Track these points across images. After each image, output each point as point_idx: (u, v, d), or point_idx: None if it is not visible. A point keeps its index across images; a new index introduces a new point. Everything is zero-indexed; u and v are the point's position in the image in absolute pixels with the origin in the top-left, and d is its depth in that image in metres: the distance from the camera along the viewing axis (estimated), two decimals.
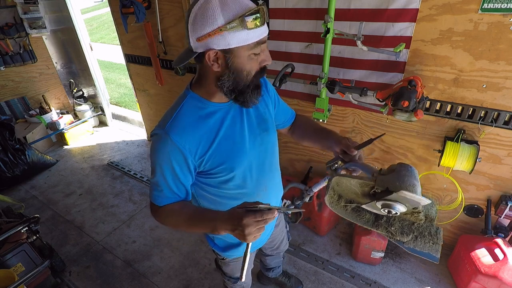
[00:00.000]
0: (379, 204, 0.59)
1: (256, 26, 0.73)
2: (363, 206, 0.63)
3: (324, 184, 0.96)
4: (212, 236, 1.17)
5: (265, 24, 0.76)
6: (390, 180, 0.57)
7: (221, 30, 0.71)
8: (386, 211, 0.59)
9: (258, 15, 0.73)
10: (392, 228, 0.63)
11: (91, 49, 3.63)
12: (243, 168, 0.94)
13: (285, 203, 1.37)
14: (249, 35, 0.74)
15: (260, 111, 0.98)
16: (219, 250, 1.18)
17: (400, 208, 0.57)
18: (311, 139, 1.11)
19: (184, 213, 0.89)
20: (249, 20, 0.72)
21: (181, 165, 0.86)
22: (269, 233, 1.28)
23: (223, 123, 0.89)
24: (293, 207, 1.34)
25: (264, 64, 0.82)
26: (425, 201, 0.55)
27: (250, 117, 0.95)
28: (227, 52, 0.76)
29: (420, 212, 0.62)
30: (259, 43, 0.77)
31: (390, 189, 0.56)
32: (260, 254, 1.61)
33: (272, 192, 1.11)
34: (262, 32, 0.76)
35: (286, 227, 1.49)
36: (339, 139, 0.94)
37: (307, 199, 1.29)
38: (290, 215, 1.36)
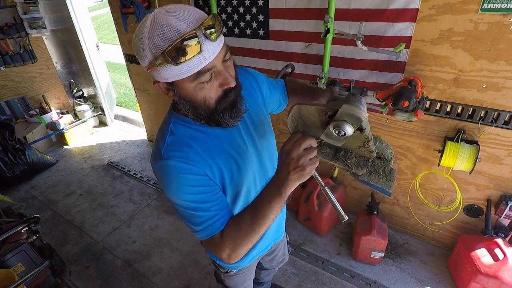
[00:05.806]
0: (331, 126, 0.66)
1: (187, 60, 0.60)
2: (322, 137, 0.70)
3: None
4: None
5: (208, 48, 0.62)
6: (339, 103, 0.65)
7: (153, 66, 0.64)
8: (337, 132, 0.66)
9: (188, 43, 0.59)
10: (349, 161, 0.70)
11: (98, 48, 3.62)
12: (248, 183, 0.86)
13: None
14: (182, 69, 0.62)
15: (254, 116, 0.89)
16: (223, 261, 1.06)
17: (348, 129, 0.64)
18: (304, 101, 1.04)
19: (245, 215, 0.75)
20: (173, 55, 0.60)
21: (204, 186, 0.75)
22: (281, 231, 1.20)
23: (222, 138, 0.80)
24: None
25: (225, 87, 0.69)
26: (364, 114, 0.63)
27: (246, 125, 0.86)
28: (171, 85, 0.68)
29: (369, 140, 0.69)
30: (202, 72, 0.64)
31: (339, 109, 0.64)
32: (256, 267, 1.50)
33: None
34: (200, 61, 0.62)
35: (286, 237, 1.43)
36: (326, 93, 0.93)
37: None
38: None
